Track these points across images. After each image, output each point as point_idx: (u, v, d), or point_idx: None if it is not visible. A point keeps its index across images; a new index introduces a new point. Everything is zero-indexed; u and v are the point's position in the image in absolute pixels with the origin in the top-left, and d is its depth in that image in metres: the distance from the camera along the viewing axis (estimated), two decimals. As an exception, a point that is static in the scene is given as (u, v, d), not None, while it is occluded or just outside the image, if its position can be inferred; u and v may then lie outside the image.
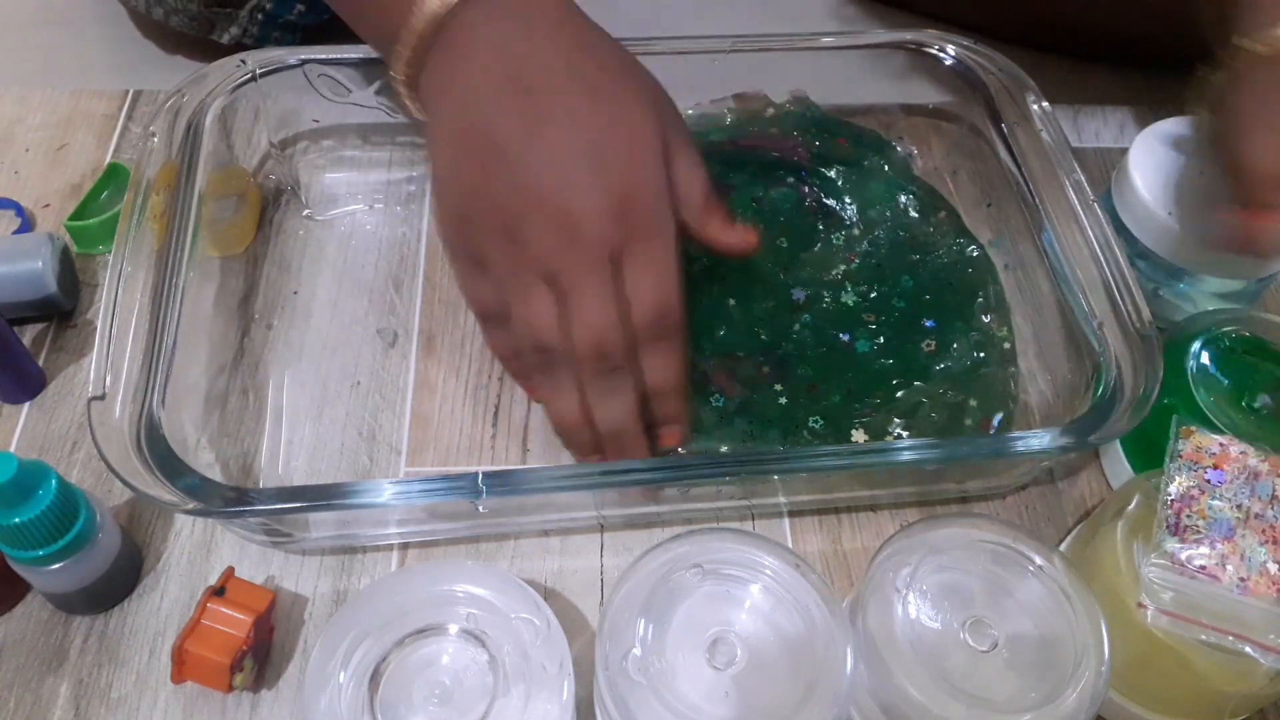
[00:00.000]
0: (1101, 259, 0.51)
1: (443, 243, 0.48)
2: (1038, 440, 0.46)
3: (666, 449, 0.48)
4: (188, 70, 0.56)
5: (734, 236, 0.48)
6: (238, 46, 0.65)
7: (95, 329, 0.55)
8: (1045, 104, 0.57)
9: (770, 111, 0.60)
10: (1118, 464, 0.52)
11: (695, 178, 0.46)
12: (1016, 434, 0.47)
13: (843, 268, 0.55)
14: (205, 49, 0.66)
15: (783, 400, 0.51)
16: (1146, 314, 0.49)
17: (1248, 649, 0.40)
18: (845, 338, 0.53)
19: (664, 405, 0.47)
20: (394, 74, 0.47)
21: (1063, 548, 0.49)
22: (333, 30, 0.65)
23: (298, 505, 0.44)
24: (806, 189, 0.57)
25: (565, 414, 0.47)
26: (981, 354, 0.52)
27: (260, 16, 0.64)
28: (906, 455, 0.46)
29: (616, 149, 0.43)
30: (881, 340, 0.53)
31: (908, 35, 0.59)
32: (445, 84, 0.45)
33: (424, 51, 0.45)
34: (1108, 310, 0.49)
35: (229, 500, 0.43)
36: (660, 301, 0.44)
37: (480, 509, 0.47)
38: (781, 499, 0.51)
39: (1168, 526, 0.41)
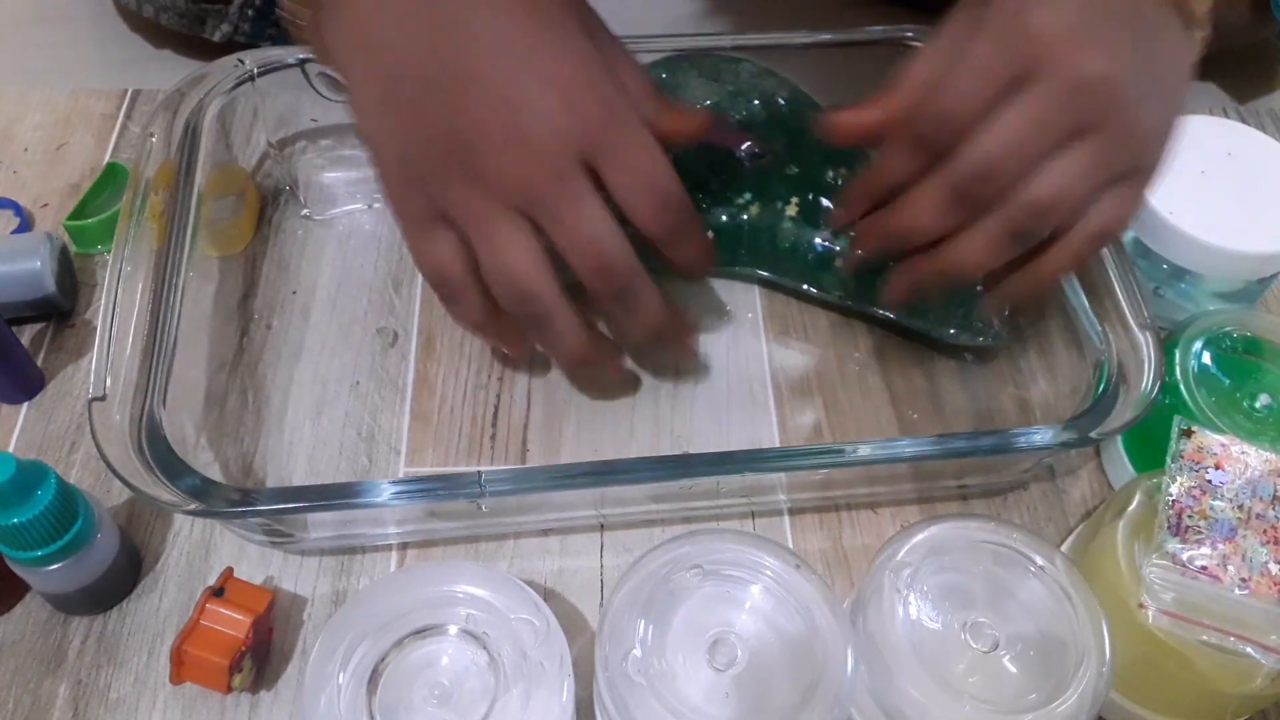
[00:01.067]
0: (1102, 255, 0.51)
1: (394, 212, 0.43)
2: (1040, 436, 0.46)
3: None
4: (187, 69, 0.56)
5: (690, 124, 0.45)
6: (230, 43, 0.65)
7: (94, 329, 0.55)
8: None
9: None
10: (1119, 464, 0.52)
11: (634, 74, 0.43)
12: (1018, 430, 0.47)
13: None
14: (204, 48, 0.66)
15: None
16: (1147, 310, 0.49)
17: (1249, 650, 0.40)
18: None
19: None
20: (291, 17, 0.43)
21: (1064, 548, 0.49)
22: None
23: (300, 505, 0.44)
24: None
25: (576, 350, 0.43)
26: None
27: (251, 12, 0.64)
28: (908, 451, 0.46)
29: (553, 55, 0.39)
30: None
31: (908, 31, 0.59)
32: (349, 24, 0.41)
33: None
34: (1109, 307, 0.49)
35: (231, 501, 0.43)
36: (659, 188, 0.40)
37: (482, 508, 0.47)
38: (781, 497, 0.51)
39: (1169, 527, 0.41)
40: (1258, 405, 0.49)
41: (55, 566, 0.43)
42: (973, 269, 0.43)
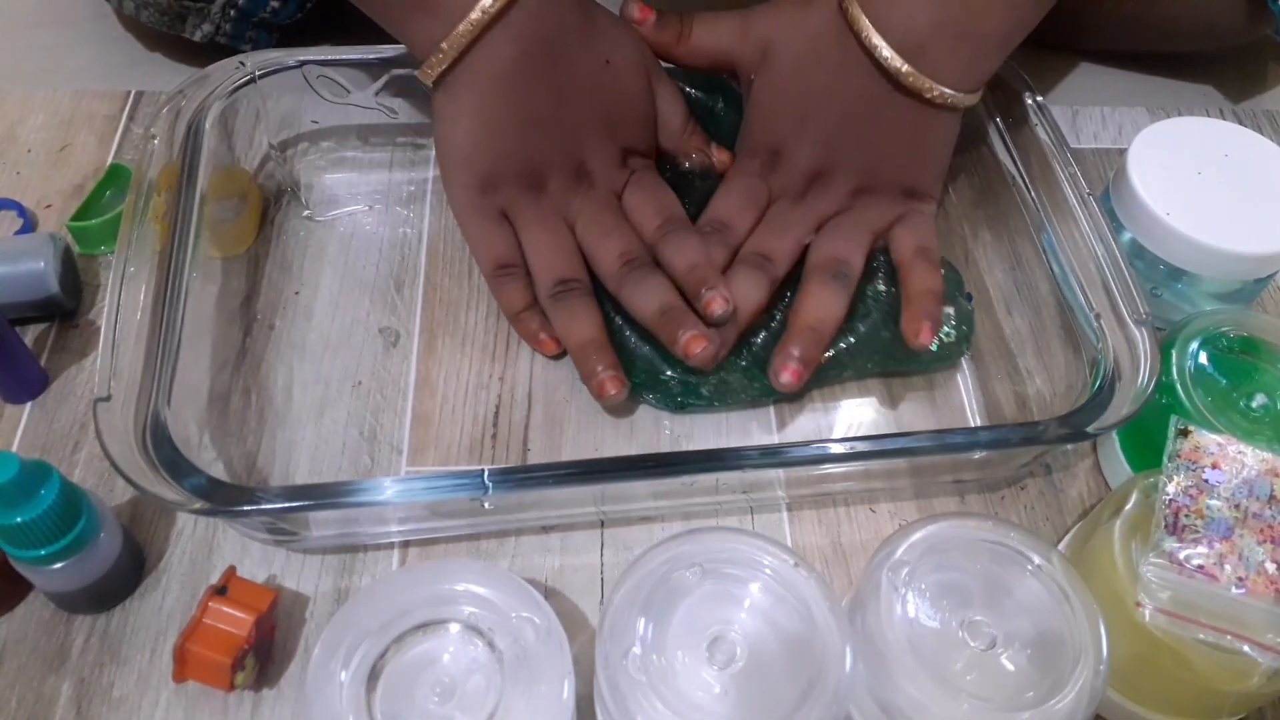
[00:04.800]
0: (1098, 252, 0.51)
1: (459, 207, 0.54)
2: (1036, 431, 0.46)
3: (714, 314, 0.50)
4: (188, 71, 0.56)
5: (714, 156, 0.59)
6: (212, 43, 0.64)
7: (97, 329, 0.55)
8: (1039, 98, 0.57)
9: None
10: (1116, 463, 0.52)
11: (676, 110, 0.58)
12: (1015, 424, 0.47)
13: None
14: (204, 50, 0.66)
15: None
16: (1143, 305, 0.49)
17: (1245, 648, 0.40)
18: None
19: (699, 277, 0.51)
20: (424, 72, 0.50)
21: (1061, 547, 0.50)
22: (311, 29, 0.65)
23: (305, 504, 0.45)
24: None
25: (587, 334, 0.52)
26: None
27: (233, 12, 0.63)
28: (907, 447, 0.46)
29: (622, 114, 0.55)
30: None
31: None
32: (477, 76, 0.50)
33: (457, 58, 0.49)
34: (1105, 303, 0.50)
35: (236, 499, 0.43)
36: (666, 204, 0.55)
37: (486, 505, 0.47)
38: (780, 493, 0.51)
39: (1166, 526, 0.42)
40: (1254, 405, 0.49)
41: (58, 565, 0.43)
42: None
